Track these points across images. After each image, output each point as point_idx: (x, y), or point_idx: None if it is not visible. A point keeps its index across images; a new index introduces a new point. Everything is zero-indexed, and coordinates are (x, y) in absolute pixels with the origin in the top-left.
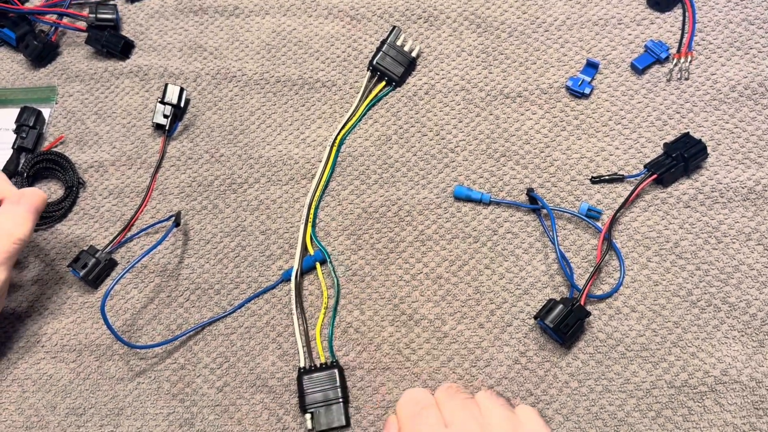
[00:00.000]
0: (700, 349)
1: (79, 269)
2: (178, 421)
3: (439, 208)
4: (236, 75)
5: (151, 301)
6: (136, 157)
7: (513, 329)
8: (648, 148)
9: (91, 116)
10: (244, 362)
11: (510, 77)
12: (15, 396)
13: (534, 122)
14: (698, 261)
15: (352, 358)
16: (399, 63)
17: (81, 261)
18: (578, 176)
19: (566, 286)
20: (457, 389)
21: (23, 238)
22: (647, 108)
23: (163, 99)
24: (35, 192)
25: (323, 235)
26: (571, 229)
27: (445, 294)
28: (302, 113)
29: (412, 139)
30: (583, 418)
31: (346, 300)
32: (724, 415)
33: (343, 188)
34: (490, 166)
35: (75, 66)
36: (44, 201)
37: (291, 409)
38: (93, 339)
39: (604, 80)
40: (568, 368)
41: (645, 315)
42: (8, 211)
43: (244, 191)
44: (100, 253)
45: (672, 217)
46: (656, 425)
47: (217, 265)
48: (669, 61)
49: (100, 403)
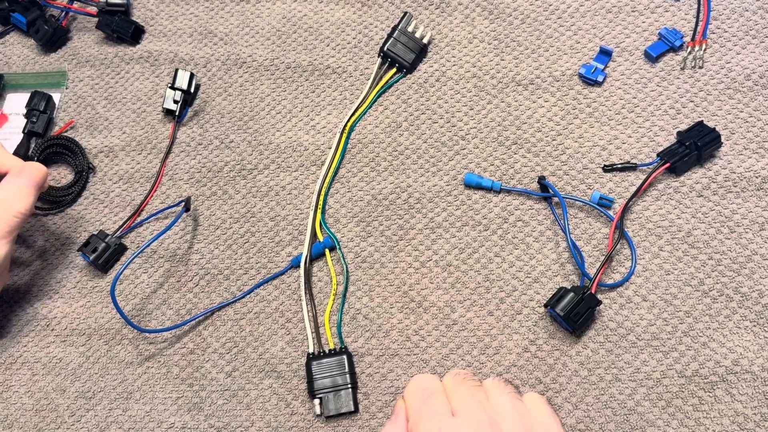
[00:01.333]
0: (712, 338)
1: (88, 254)
2: (187, 406)
3: (449, 196)
4: (246, 61)
5: (160, 286)
6: (146, 143)
7: (523, 317)
8: (661, 136)
9: (102, 101)
10: (253, 347)
11: (522, 64)
12: (25, 379)
13: (546, 110)
14: (711, 251)
15: (361, 345)
16: (410, 49)
17: (91, 245)
18: (590, 164)
19: (577, 275)
20: (465, 376)
21: (24, 212)
22: (661, 96)
23: (173, 84)
24: (37, 166)
25: (333, 221)
26: (582, 218)
27: (455, 281)
28: (312, 100)
29: (423, 126)
30: (593, 406)
31: (356, 287)
32: (734, 405)
33: (353, 175)
34: (501, 154)
35: (85, 51)
36: (46, 175)
37: (300, 395)
38: (102, 323)
39: (617, 68)
40: (577, 357)
41: (656, 304)
42: (9, 183)
43: (254, 177)
44: (109, 238)
45: (685, 207)
46: (666, 414)
47: (227, 251)
48: (683, 49)
49: (109, 387)
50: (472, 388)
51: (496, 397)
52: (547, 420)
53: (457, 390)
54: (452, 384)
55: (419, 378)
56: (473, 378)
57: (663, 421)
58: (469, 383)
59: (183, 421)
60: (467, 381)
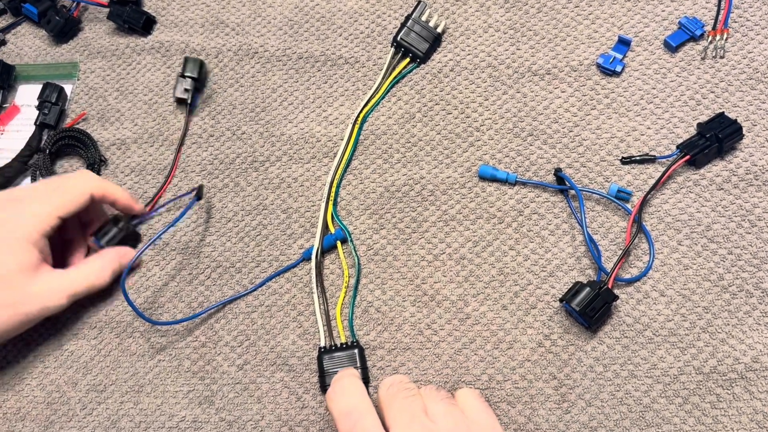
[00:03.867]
0: (731, 335)
1: (101, 238)
2: (198, 399)
3: (463, 188)
4: (258, 51)
5: (172, 278)
6: (158, 134)
7: (537, 312)
8: (681, 128)
9: (113, 93)
10: (264, 341)
11: (538, 54)
12: (37, 372)
13: (563, 100)
14: (731, 245)
15: (373, 338)
16: (424, 39)
17: (104, 230)
18: (608, 156)
19: (593, 269)
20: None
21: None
22: (680, 87)
23: (183, 72)
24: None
25: (345, 214)
26: (599, 211)
27: (468, 275)
28: (324, 90)
29: (437, 118)
30: (607, 403)
31: (368, 279)
32: (753, 403)
33: (366, 167)
34: (516, 146)
35: (97, 42)
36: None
37: (311, 388)
38: (113, 316)
39: (636, 58)
40: (593, 352)
41: (674, 299)
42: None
43: (266, 169)
44: (123, 224)
45: (704, 200)
46: (683, 412)
47: (238, 244)
48: (704, 39)
49: (120, 380)
50: (405, 400)
51: (430, 406)
52: (481, 417)
53: (391, 405)
54: (386, 397)
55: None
56: (407, 386)
57: (679, 419)
58: (402, 395)
59: (194, 414)
60: (401, 392)
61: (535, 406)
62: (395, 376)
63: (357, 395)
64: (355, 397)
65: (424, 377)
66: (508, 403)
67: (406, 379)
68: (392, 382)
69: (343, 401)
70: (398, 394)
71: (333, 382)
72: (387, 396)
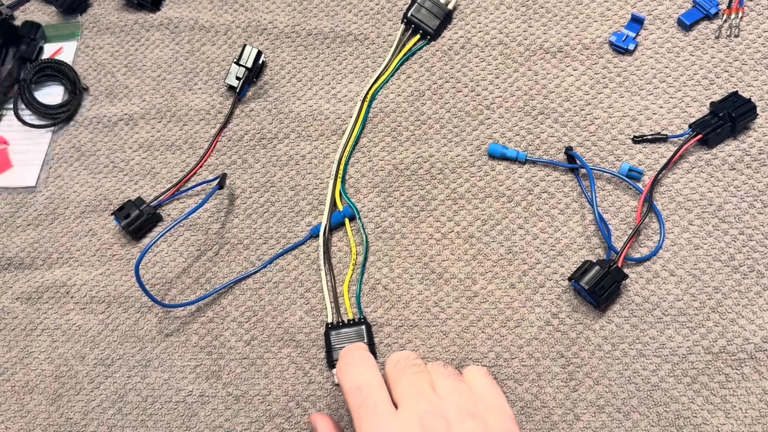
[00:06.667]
0: (741, 315)
1: (121, 219)
2: (206, 374)
3: (472, 167)
4: (267, 28)
5: (180, 255)
6: (166, 111)
7: (546, 290)
8: (693, 107)
9: (121, 69)
10: (272, 317)
11: (550, 31)
12: (45, 345)
13: (575, 79)
14: (742, 225)
15: (380, 315)
16: (434, 15)
17: (125, 211)
18: (620, 135)
19: (603, 249)
20: (406, 362)
21: None
22: (694, 66)
23: (238, 60)
24: None
25: (353, 191)
26: (610, 190)
27: (477, 253)
28: (333, 67)
29: (446, 95)
30: (615, 381)
31: (375, 257)
32: (763, 383)
33: (374, 144)
34: (527, 124)
35: (105, 18)
36: None
37: (317, 364)
38: (122, 291)
39: (649, 36)
40: (601, 331)
41: (684, 279)
42: None
43: (274, 146)
44: (145, 206)
45: (716, 180)
46: (691, 391)
47: (246, 221)
48: (718, 17)
49: (128, 354)
50: (413, 376)
51: (437, 382)
52: (489, 394)
53: (399, 381)
54: (393, 373)
55: (354, 374)
56: (415, 362)
57: (688, 398)
58: (411, 371)
59: (201, 389)
60: (409, 368)
61: (542, 384)
62: (403, 352)
63: (369, 370)
64: (368, 372)
65: (431, 354)
66: (515, 381)
67: (413, 355)
68: (399, 357)
69: (354, 375)
70: (406, 370)
71: (343, 354)
72: (395, 372)
